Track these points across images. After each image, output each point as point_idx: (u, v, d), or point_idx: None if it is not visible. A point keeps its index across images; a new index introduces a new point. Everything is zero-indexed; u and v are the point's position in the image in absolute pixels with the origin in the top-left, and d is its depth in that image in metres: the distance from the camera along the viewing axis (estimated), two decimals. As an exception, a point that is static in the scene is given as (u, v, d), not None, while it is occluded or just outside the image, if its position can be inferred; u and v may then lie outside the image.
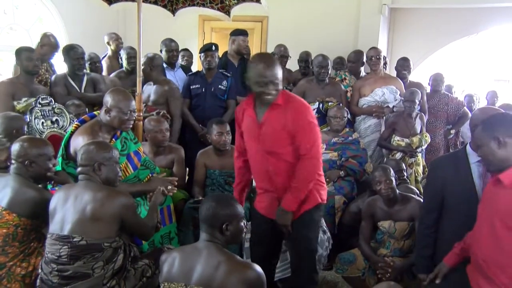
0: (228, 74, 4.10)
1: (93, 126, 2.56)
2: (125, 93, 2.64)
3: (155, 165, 2.98)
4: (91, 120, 2.64)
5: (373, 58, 4.27)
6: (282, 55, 4.59)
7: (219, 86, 4.03)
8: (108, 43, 4.71)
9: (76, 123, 2.70)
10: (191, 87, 4.03)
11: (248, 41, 4.28)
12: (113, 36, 4.72)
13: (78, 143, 2.47)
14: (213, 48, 4.01)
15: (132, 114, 2.60)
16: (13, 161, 2.34)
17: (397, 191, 2.90)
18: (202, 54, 4.01)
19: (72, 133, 2.60)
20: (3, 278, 2.20)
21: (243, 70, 4.26)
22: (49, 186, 2.64)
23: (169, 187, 2.67)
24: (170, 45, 4.31)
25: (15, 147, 2.34)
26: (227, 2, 3.61)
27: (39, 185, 2.45)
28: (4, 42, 4.64)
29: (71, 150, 2.53)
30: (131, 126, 2.67)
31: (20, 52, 3.49)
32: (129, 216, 2.20)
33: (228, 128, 3.42)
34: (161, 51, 4.32)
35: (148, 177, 2.78)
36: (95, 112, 2.73)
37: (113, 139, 2.60)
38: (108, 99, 2.55)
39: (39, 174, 2.37)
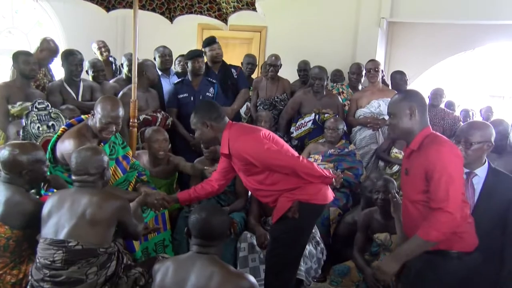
0: (214, 81, 4.09)
1: (80, 130, 2.55)
2: (111, 101, 2.59)
3: (147, 170, 3.01)
4: (79, 124, 2.63)
5: (371, 70, 4.30)
6: (269, 63, 4.56)
7: (207, 94, 4.01)
8: (94, 53, 4.69)
9: (63, 127, 2.68)
10: (179, 96, 3.99)
11: (217, 47, 4.22)
12: (100, 45, 4.68)
13: (65, 146, 2.47)
14: (202, 54, 4.03)
15: (113, 124, 2.54)
16: (5, 171, 2.24)
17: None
18: (190, 60, 3.98)
19: (59, 136, 2.58)
20: None
21: (223, 76, 4.27)
22: (42, 191, 2.62)
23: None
24: (164, 51, 4.31)
25: (4, 157, 2.22)
26: (224, 10, 3.64)
27: (32, 190, 2.42)
28: (3, 46, 4.63)
29: (58, 154, 2.52)
30: (110, 136, 2.62)
31: (18, 56, 3.49)
32: (125, 217, 2.21)
33: None
34: (154, 58, 4.32)
35: (135, 177, 2.78)
36: (82, 117, 2.72)
37: (102, 144, 2.59)
38: (96, 104, 2.55)
39: (35, 180, 2.34)
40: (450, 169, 1.91)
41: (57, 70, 4.16)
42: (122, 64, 4.40)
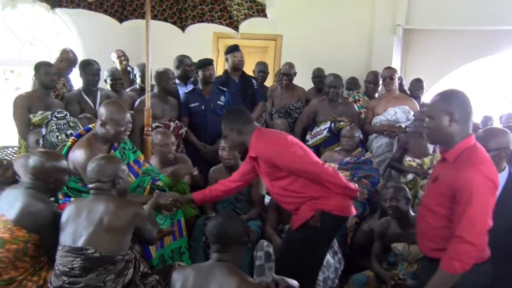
0: (224, 89, 4.11)
1: (89, 139, 2.58)
2: (119, 105, 2.67)
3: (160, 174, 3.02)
4: (87, 134, 2.66)
5: (386, 78, 4.28)
6: (283, 72, 4.55)
7: (218, 102, 4.03)
8: (113, 62, 4.77)
9: (72, 138, 2.72)
10: (190, 105, 4.00)
11: (240, 55, 4.29)
12: (119, 54, 4.77)
13: (76, 157, 2.50)
14: (212, 62, 4.07)
15: (128, 125, 2.62)
16: (31, 177, 2.31)
17: (411, 213, 2.86)
18: (200, 69, 4.00)
19: (69, 148, 2.62)
20: None
21: (244, 85, 4.29)
22: (60, 201, 2.65)
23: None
24: (186, 61, 4.35)
25: (35, 163, 2.30)
26: (235, 18, 3.67)
27: (52, 198, 2.46)
28: (25, 57, 4.74)
29: (70, 165, 2.54)
30: (126, 136, 2.68)
31: (39, 67, 3.58)
32: (141, 224, 2.23)
33: None
34: (178, 67, 4.34)
35: (149, 183, 2.79)
36: (90, 126, 2.76)
37: (112, 150, 2.62)
38: (102, 112, 2.56)
39: (57, 189, 2.41)
40: (480, 196, 1.81)
41: (76, 79, 4.23)
42: (135, 75, 4.44)
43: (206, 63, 4.01)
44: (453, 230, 1.88)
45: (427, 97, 4.92)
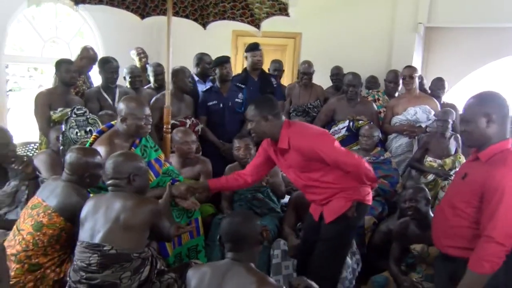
0: (242, 86, 4.10)
1: (110, 136, 2.60)
2: (137, 99, 2.69)
3: (180, 175, 3.01)
4: (109, 130, 2.68)
5: (406, 77, 4.21)
6: (303, 72, 4.52)
7: (236, 100, 4.02)
8: (133, 59, 4.81)
9: (94, 134, 2.75)
10: (208, 104, 4.01)
11: (259, 54, 4.29)
12: (139, 52, 4.81)
13: None
14: (229, 60, 4.07)
15: (148, 119, 2.63)
16: (68, 172, 2.38)
17: (431, 214, 2.80)
18: (217, 67, 4.00)
19: (91, 144, 2.65)
20: (38, 280, 2.24)
21: (263, 84, 4.28)
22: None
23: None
24: (206, 58, 4.35)
25: (72, 159, 2.36)
26: (256, 16, 3.64)
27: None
28: (47, 55, 4.83)
29: None
30: (148, 131, 2.69)
31: (60, 64, 3.63)
32: (158, 222, 2.24)
33: (248, 141, 3.34)
34: (197, 65, 4.35)
35: (169, 183, 2.80)
36: (112, 122, 2.77)
37: (132, 148, 2.63)
38: (121, 108, 2.58)
39: (92, 183, 2.46)
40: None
41: (96, 77, 4.29)
42: (148, 74, 4.46)
43: (223, 61, 4.00)
44: (477, 230, 1.87)
45: (448, 97, 4.84)
